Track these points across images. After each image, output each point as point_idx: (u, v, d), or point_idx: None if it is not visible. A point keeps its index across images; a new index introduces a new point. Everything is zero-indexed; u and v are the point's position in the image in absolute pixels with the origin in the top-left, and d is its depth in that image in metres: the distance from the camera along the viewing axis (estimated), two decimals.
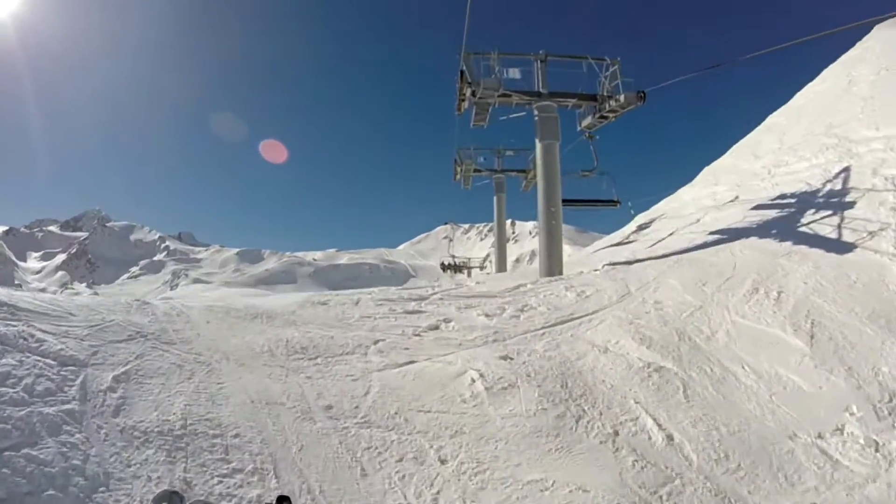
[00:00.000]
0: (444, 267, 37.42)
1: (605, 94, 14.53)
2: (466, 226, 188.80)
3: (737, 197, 16.54)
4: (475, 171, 24.84)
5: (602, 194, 16.30)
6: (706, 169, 22.81)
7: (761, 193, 16.64)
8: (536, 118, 14.45)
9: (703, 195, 20.30)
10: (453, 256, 36.84)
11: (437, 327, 7.86)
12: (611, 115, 14.64)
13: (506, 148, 25.29)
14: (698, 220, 16.06)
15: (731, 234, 13.81)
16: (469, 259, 37.56)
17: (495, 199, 25.89)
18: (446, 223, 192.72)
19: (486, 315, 8.44)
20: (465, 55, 13.82)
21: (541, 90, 14.68)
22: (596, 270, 12.72)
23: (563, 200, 14.24)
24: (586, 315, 8.68)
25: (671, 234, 15.73)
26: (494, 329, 7.82)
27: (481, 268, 37.04)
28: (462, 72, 13.85)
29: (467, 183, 25.61)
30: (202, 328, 7.52)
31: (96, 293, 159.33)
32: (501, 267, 26.48)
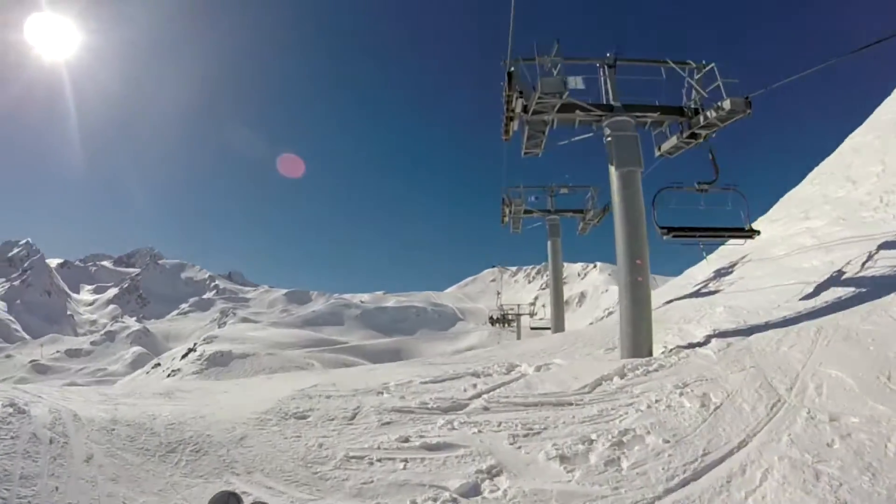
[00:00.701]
0: (492, 321, 35.57)
1: (694, 105, 11.06)
2: (514, 268, 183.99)
3: None
4: (525, 212, 21.84)
5: (727, 220, 11.50)
6: (783, 200, 19.67)
7: (882, 227, 12.81)
8: (609, 139, 11.01)
9: (795, 232, 16.34)
10: (501, 307, 35.24)
11: (476, 489, 4.33)
12: (703, 131, 11.06)
13: (559, 185, 22.24)
14: (841, 270, 11.96)
15: (870, 286, 10.03)
16: (517, 306, 35.15)
17: (549, 244, 22.92)
18: (494, 266, 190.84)
19: (562, 457, 4.87)
20: (513, 60, 10.57)
21: (612, 103, 11.31)
22: (701, 345, 9.04)
23: (672, 229, 10.33)
24: (731, 453, 5.12)
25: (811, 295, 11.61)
26: (582, 497, 4.26)
27: (531, 314, 34.70)
28: (509, 75, 10.51)
29: (517, 226, 22.64)
30: (71, 474, 4.33)
31: (146, 328, 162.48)
32: (559, 324, 22.85)
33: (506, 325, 35.20)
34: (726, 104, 10.15)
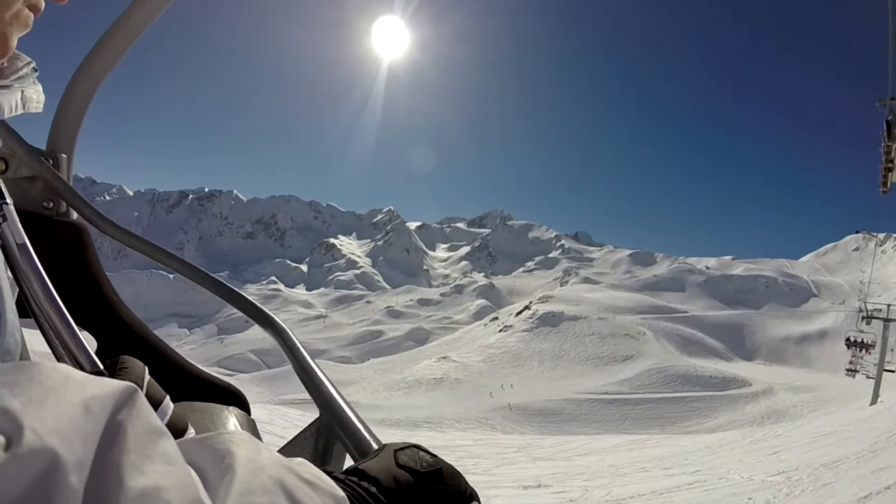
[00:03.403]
0: (848, 344, 28.48)
1: None
2: (882, 235, 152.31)
3: None
4: None
5: None
6: None
7: None
8: None
9: None
10: (864, 307, 26.75)
11: None
12: None
13: None
14: None
15: None
16: (887, 308, 26.44)
17: None
18: (857, 232, 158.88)
19: None
20: (889, 100, 11.65)
21: None
22: None
23: None
24: None
25: None
26: None
27: None
28: (888, 123, 11.48)
29: None
30: None
31: (492, 283, 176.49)
32: None
33: (866, 350, 27.44)
34: None
